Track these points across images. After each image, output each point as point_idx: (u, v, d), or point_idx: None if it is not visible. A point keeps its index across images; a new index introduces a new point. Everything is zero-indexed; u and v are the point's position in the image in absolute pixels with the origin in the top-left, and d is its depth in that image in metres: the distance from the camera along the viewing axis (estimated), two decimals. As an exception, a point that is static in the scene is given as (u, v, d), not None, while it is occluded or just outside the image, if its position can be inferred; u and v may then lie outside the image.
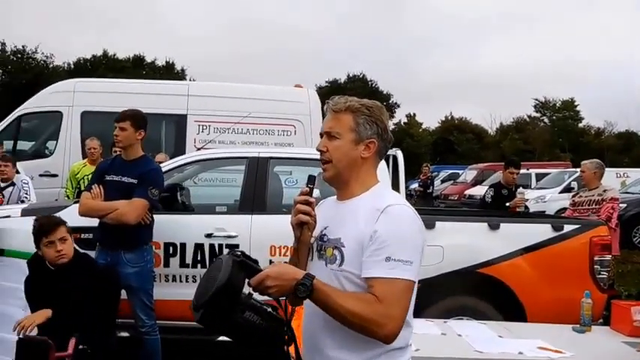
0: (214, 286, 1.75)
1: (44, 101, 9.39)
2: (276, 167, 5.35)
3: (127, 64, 41.66)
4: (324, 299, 1.78)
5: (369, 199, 1.96)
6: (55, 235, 3.59)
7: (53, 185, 8.61)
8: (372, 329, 1.78)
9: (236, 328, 1.81)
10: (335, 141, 1.97)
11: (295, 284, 1.75)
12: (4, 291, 4.73)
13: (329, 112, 2.03)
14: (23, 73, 38.10)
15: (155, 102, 8.46)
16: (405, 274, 1.81)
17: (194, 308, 1.81)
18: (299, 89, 9.68)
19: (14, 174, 6.53)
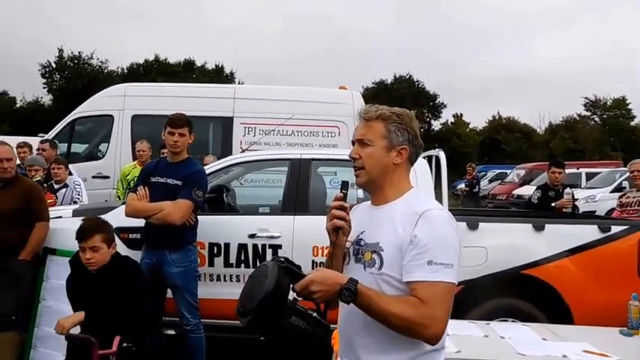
0: (262, 292, 1.77)
1: (96, 105, 9.72)
2: (319, 168, 5.38)
3: (177, 68, 42.59)
4: (368, 303, 1.80)
5: (405, 203, 2.01)
6: (87, 243, 3.67)
7: (105, 186, 8.88)
8: (417, 331, 1.82)
9: (282, 333, 1.83)
10: (367, 148, 2.03)
11: (340, 289, 1.78)
12: (56, 288, 4.89)
13: (360, 120, 2.09)
14: (79, 78, 39.43)
15: (203, 105, 8.67)
16: (446, 277, 1.85)
17: (240, 314, 1.84)
18: (343, 91, 9.69)
19: (67, 176, 6.73)
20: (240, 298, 1.89)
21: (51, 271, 4.96)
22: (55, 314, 4.80)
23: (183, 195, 4.29)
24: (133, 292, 3.70)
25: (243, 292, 1.89)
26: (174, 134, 4.43)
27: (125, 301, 3.63)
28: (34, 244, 4.73)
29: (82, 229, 3.73)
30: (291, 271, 1.84)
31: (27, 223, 4.72)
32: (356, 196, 4.64)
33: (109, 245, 3.73)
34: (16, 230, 4.67)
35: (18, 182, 4.85)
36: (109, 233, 3.78)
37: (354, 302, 1.80)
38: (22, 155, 7.26)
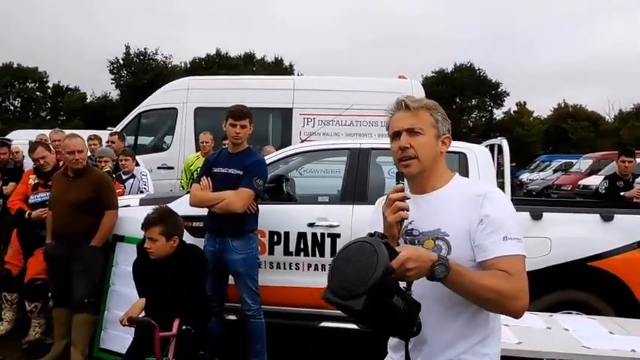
0: (379, 271, 1.66)
1: (161, 99, 10.02)
2: (378, 158, 5.36)
3: (238, 61, 43.15)
4: (459, 279, 1.78)
5: (461, 188, 2.03)
6: (148, 233, 3.80)
7: (170, 177, 9.15)
8: (507, 303, 1.83)
9: (384, 314, 1.73)
10: (419, 137, 2.00)
11: (432, 265, 1.73)
12: (124, 274, 5.09)
13: (404, 109, 2.05)
14: (145, 73, 40.60)
15: (263, 97, 8.79)
16: (522, 250, 1.90)
17: (348, 296, 1.69)
18: (402, 80, 9.64)
19: (134, 167, 6.98)
20: (338, 282, 1.74)
21: (120, 257, 5.18)
22: (123, 298, 5.02)
23: (244, 184, 4.39)
24: (194, 279, 3.81)
25: (345, 273, 1.73)
26: (235, 126, 4.52)
27: (186, 286, 3.74)
28: (104, 231, 4.95)
29: (147, 219, 3.85)
30: (390, 248, 1.73)
31: (97, 211, 4.94)
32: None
33: (167, 238, 3.81)
34: (88, 218, 4.90)
35: (89, 173, 5.07)
36: (169, 227, 3.84)
37: (446, 278, 1.75)
38: (92, 147, 7.56)
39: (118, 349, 4.97)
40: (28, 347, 5.35)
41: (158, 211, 3.98)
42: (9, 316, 5.80)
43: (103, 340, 5.11)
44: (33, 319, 5.53)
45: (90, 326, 4.97)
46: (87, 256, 4.87)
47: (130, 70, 42.55)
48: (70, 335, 4.92)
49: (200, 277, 3.90)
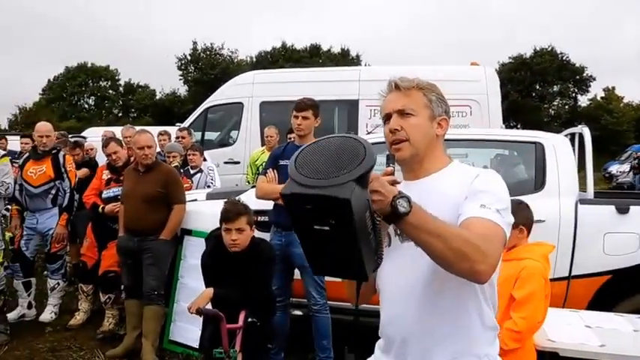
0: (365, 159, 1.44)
1: (227, 94, 10.13)
2: (449, 149, 5.21)
3: (304, 53, 43.20)
4: (423, 220, 1.55)
5: (455, 173, 1.88)
6: (234, 225, 3.75)
7: (236, 172, 9.25)
8: (472, 259, 1.56)
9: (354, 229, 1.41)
10: (410, 118, 1.87)
11: (394, 197, 1.51)
12: (191, 267, 5.19)
13: (394, 90, 1.94)
14: (211, 68, 41.31)
15: (328, 89, 8.72)
16: (498, 220, 1.68)
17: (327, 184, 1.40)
18: (475, 67, 9.33)
19: (202, 161, 7.08)
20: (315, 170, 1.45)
21: (188, 250, 5.27)
22: (191, 291, 5.10)
23: None
24: (262, 272, 3.80)
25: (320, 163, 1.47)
26: (298, 117, 4.50)
27: (255, 279, 3.73)
28: (172, 225, 5.04)
29: (228, 210, 3.81)
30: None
31: (166, 205, 5.04)
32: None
33: (251, 227, 3.83)
34: (157, 212, 5.01)
35: (158, 168, 5.17)
36: (251, 216, 3.87)
37: (407, 217, 1.52)
38: (162, 142, 7.74)
39: (187, 341, 5.07)
40: (103, 337, 5.51)
41: (235, 203, 3.94)
42: (85, 307, 6.01)
43: (172, 332, 5.22)
44: (107, 310, 5.71)
45: (160, 318, 5.08)
46: (156, 249, 4.98)
47: (197, 66, 43.41)
48: (141, 326, 5.04)
49: (268, 271, 3.89)
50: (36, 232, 5.99)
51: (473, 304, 1.81)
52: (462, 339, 1.80)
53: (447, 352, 1.80)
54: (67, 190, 6.04)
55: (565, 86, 45.31)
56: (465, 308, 1.80)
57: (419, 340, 1.82)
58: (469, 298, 1.79)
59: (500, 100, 8.85)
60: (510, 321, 3.07)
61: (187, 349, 5.07)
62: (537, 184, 4.64)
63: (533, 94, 43.22)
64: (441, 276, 1.70)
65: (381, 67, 10.51)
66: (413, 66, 10.13)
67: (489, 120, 8.32)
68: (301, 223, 1.47)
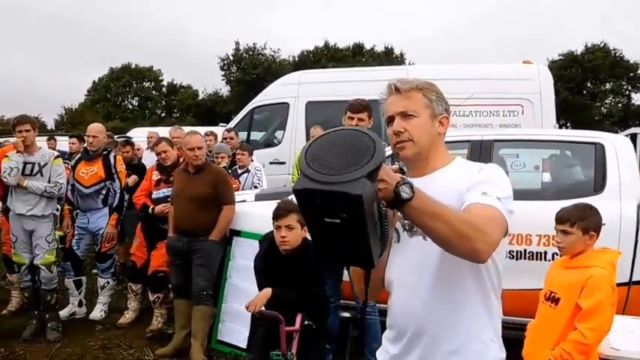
0: (375, 154, 1.44)
1: (273, 94, 10.13)
2: (501, 150, 5.10)
3: (346, 52, 42.98)
4: (426, 204, 1.58)
5: (460, 168, 1.95)
6: (283, 222, 3.72)
7: (281, 172, 9.23)
8: (471, 237, 1.60)
9: (363, 221, 1.43)
10: (412, 119, 1.92)
11: (398, 184, 1.54)
12: (239, 267, 5.20)
13: (394, 92, 1.96)
14: (254, 68, 41.50)
15: (375, 88, 8.53)
16: (498, 206, 1.73)
17: (339, 180, 1.39)
18: (528, 65, 9.12)
19: (249, 161, 7.08)
20: (322, 165, 1.45)
21: (236, 251, 5.27)
22: (240, 292, 5.11)
23: None
24: (316, 274, 3.76)
25: (327, 158, 1.46)
26: (353, 119, 4.45)
27: (309, 280, 3.69)
28: (222, 225, 5.05)
29: (279, 207, 3.80)
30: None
31: (216, 206, 5.05)
32: None
33: (302, 227, 3.78)
34: (207, 213, 5.02)
35: (208, 168, 5.18)
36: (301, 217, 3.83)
37: (410, 202, 1.54)
38: (208, 143, 7.75)
39: (235, 341, 5.07)
40: (152, 336, 5.57)
41: (287, 201, 3.92)
42: (134, 306, 6.08)
43: (220, 332, 5.23)
44: (155, 310, 5.76)
45: (208, 318, 5.09)
46: (206, 250, 5.00)
47: (239, 66, 43.62)
48: (190, 326, 5.06)
49: (321, 272, 3.85)
50: (87, 232, 6.09)
51: (480, 294, 1.87)
52: (469, 327, 1.86)
53: (456, 340, 1.86)
54: (118, 191, 6.13)
55: (618, 84, 43.24)
56: (472, 298, 1.86)
57: (429, 330, 1.88)
58: (477, 288, 1.86)
59: (553, 100, 8.63)
60: (577, 333, 2.96)
61: (235, 350, 5.08)
62: (597, 185, 4.50)
63: (584, 92, 41.79)
64: (449, 268, 1.80)
65: (430, 65, 10.37)
66: (462, 64, 9.97)
67: (542, 119, 8.13)
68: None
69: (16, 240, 5.63)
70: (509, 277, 4.09)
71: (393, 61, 40.04)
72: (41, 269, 5.57)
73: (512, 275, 4.27)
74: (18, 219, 5.58)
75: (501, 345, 1.94)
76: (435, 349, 1.87)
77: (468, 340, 1.86)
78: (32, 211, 5.52)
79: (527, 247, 4.44)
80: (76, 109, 49.06)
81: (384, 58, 41.19)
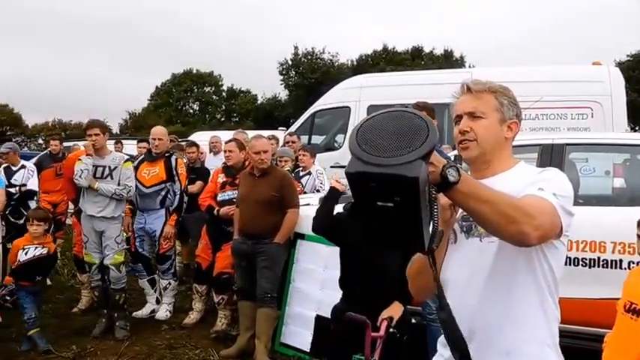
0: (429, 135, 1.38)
1: (334, 98, 10.14)
2: (572, 154, 4.92)
3: (405, 56, 42.64)
4: (472, 187, 1.56)
5: (521, 172, 1.93)
6: None
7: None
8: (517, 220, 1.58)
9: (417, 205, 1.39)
10: (480, 120, 1.91)
11: (444, 167, 1.49)
12: (304, 271, 5.20)
13: (466, 92, 1.96)
14: (312, 73, 41.72)
15: (438, 91, 8.43)
16: (552, 200, 1.70)
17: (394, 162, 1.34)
18: (597, 67, 8.82)
19: (312, 164, 7.10)
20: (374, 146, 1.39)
21: (300, 254, 5.29)
22: (303, 295, 5.12)
23: None
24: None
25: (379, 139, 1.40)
26: None
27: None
28: (286, 229, 5.07)
29: None
30: None
31: (281, 209, 5.07)
32: None
33: None
34: (272, 216, 5.06)
35: (273, 172, 5.22)
36: None
37: (457, 188, 1.52)
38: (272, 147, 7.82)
39: (298, 344, 5.08)
40: (216, 336, 5.64)
41: None
42: (198, 307, 6.17)
43: (284, 334, 5.25)
44: (220, 311, 5.83)
45: (272, 321, 5.11)
46: (271, 253, 5.03)
47: (298, 71, 43.93)
48: (254, 328, 5.10)
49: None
50: (144, 233, 6.23)
51: (536, 297, 1.84)
52: (524, 328, 1.84)
53: (509, 341, 1.84)
54: (178, 192, 6.25)
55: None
56: (527, 300, 1.84)
57: (483, 330, 1.86)
58: (532, 290, 1.84)
59: (625, 102, 8.29)
60: None
61: (298, 352, 5.08)
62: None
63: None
64: (505, 269, 1.80)
65: (496, 68, 10.14)
66: (532, 66, 9.70)
67: (612, 123, 7.83)
68: (364, 199, 1.42)
69: (87, 240, 5.81)
70: (581, 286, 3.99)
71: (453, 64, 39.38)
72: (111, 269, 5.73)
73: (584, 284, 4.13)
74: (89, 220, 5.75)
75: (559, 352, 1.90)
76: (489, 349, 1.86)
77: (522, 341, 1.84)
78: (102, 213, 5.68)
79: (602, 254, 4.26)
80: (140, 114, 50.59)
81: (444, 61, 40.52)
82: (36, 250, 5.41)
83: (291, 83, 44.26)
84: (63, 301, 7.00)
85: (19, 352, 5.32)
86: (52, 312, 6.43)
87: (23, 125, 50.71)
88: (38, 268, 5.42)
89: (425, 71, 12.72)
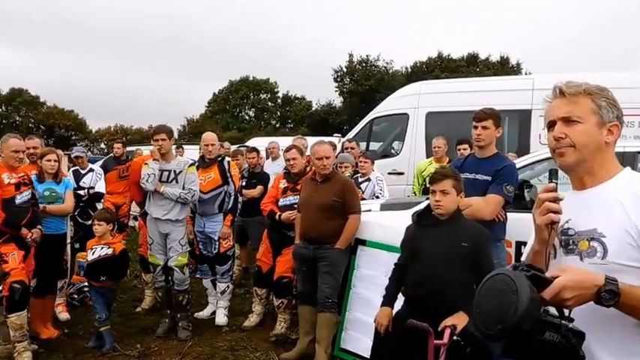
0: (517, 313, 1.54)
1: (392, 105, 10.13)
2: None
3: (460, 63, 42.07)
4: (633, 303, 1.55)
5: (624, 184, 1.78)
6: (438, 186, 3.65)
7: (400, 182, 9.19)
8: None
9: (536, 351, 1.60)
10: (576, 125, 1.80)
11: (598, 292, 1.53)
12: (365, 277, 5.19)
13: (559, 96, 1.86)
14: (366, 80, 41.64)
15: (497, 98, 8.30)
16: None
17: (487, 336, 1.62)
18: None
19: (371, 170, 7.11)
20: (481, 316, 1.64)
21: (361, 260, 5.27)
22: (364, 301, 5.11)
23: (493, 190, 4.18)
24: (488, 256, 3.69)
25: (484, 309, 1.65)
26: (477, 127, 4.35)
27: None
28: (348, 234, 5.09)
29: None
30: (538, 277, 1.60)
31: (342, 215, 5.10)
32: None
33: (458, 193, 3.71)
34: (333, 221, 5.09)
35: (335, 177, 5.26)
36: (459, 182, 3.73)
37: (616, 305, 1.54)
38: (330, 153, 7.88)
39: (358, 350, 5.06)
40: (276, 340, 5.71)
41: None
42: (258, 310, 6.26)
43: (343, 340, 5.24)
44: (279, 314, 5.90)
45: (333, 326, 5.13)
46: (332, 258, 5.06)
47: (352, 78, 43.90)
48: (313, 332, 5.14)
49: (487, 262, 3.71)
50: (204, 235, 6.35)
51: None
52: (627, 342, 1.72)
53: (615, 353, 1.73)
54: (232, 194, 6.35)
55: None
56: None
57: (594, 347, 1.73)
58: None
59: None
60: None
61: (358, 358, 5.06)
62: None
63: None
64: None
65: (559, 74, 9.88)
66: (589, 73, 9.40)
67: None
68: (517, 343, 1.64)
69: (152, 242, 5.98)
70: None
71: (509, 71, 38.67)
72: (175, 271, 5.87)
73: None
74: (154, 222, 5.92)
75: None
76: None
77: (627, 354, 1.74)
78: (167, 216, 5.83)
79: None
80: (197, 120, 51.62)
81: (499, 68, 39.79)
82: (101, 250, 5.59)
83: (345, 90, 44.26)
84: (127, 301, 7.24)
85: (86, 349, 5.53)
86: (117, 311, 6.63)
87: (87, 130, 52.72)
88: (103, 268, 5.54)
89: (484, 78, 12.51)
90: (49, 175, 5.99)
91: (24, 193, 5.31)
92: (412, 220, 3.98)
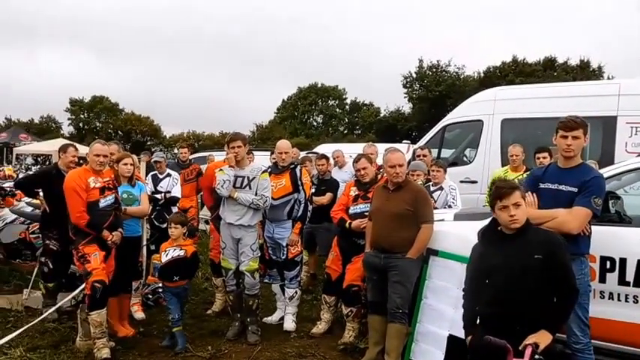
0: None
1: (466, 111, 9.88)
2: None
3: (536, 67, 40.73)
4: None
5: None
6: (509, 200, 3.52)
7: (472, 191, 8.94)
8: None
9: None
10: None
11: None
12: (437, 288, 5.06)
13: None
14: (437, 85, 41.09)
15: (578, 104, 7.89)
16: None
17: None
18: None
19: (444, 179, 6.98)
20: None
21: (433, 271, 5.14)
22: (435, 313, 4.98)
23: (581, 202, 3.96)
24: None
25: None
26: (567, 137, 4.13)
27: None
28: (420, 244, 4.98)
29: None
30: None
31: (414, 224, 4.99)
32: None
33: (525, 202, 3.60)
34: (405, 230, 4.99)
35: (408, 186, 5.16)
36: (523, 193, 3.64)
37: None
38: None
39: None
40: (344, 348, 5.64)
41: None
42: (327, 317, 6.21)
43: (413, 352, 5.12)
44: (348, 323, 5.84)
45: (403, 337, 5.03)
46: (403, 267, 4.96)
47: (422, 84, 43.44)
48: (383, 342, 5.05)
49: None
50: (273, 241, 6.36)
51: None
52: None
53: None
54: (302, 201, 6.33)
55: None
56: None
57: None
58: None
59: None
60: None
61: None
62: None
63: None
64: None
65: None
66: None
67: None
68: None
69: (225, 247, 6.05)
70: None
71: (590, 75, 37.11)
72: (246, 275, 5.92)
73: None
74: (227, 227, 5.98)
75: None
76: None
77: None
78: (240, 221, 5.88)
79: None
80: (266, 126, 52.47)
81: (579, 72, 38.22)
82: (174, 251, 5.76)
83: (415, 96, 43.86)
84: (198, 303, 7.35)
85: (159, 348, 5.66)
86: (189, 312, 6.74)
87: (161, 136, 54.49)
88: (176, 269, 5.73)
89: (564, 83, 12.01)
90: (124, 179, 6.21)
91: (108, 197, 5.56)
92: (478, 238, 3.85)
